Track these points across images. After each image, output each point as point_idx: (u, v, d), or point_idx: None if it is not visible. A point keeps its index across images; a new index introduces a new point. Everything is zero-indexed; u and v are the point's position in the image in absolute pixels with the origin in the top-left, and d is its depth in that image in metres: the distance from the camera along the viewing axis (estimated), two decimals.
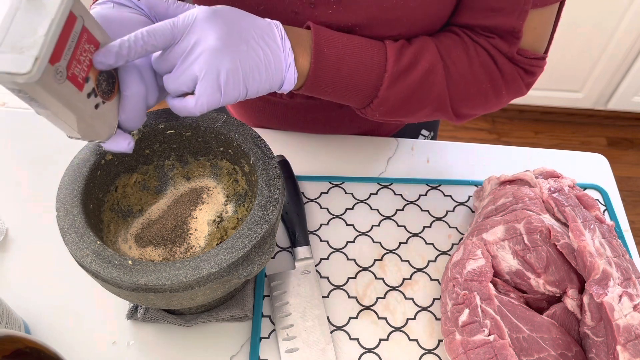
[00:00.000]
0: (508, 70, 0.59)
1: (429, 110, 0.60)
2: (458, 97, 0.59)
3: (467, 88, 0.59)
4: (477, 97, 0.60)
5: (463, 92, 0.59)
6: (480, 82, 0.59)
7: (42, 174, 0.71)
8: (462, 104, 0.60)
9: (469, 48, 0.59)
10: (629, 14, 1.60)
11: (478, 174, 0.73)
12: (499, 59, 0.59)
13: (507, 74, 0.60)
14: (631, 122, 2.00)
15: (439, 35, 0.60)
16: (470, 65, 0.58)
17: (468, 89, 0.59)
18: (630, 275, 0.54)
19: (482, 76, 0.59)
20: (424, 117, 0.61)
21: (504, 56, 0.59)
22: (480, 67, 0.59)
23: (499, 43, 0.58)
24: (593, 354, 0.52)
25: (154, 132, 0.57)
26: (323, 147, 0.76)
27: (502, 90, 0.61)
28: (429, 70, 0.56)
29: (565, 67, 1.78)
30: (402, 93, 0.56)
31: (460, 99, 0.59)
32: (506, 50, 0.58)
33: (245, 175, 0.58)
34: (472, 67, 0.58)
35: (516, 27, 0.56)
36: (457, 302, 0.55)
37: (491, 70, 0.59)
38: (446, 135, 1.95)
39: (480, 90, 0.60)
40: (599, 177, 0.74)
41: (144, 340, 0.57)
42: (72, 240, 0.48)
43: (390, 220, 0.68)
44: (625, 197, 1.76)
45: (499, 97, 0.61)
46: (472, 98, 0.60)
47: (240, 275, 0.47)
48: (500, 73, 0.60)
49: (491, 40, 0.59)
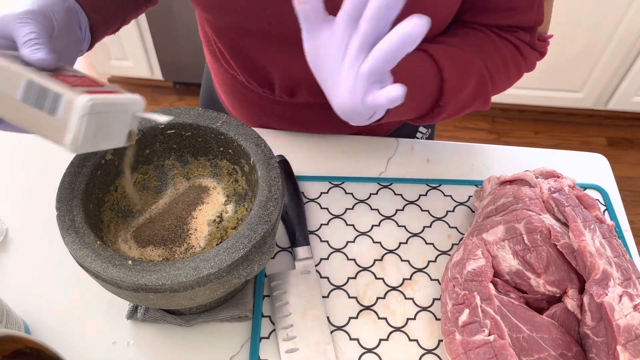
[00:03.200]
0: (530, 56, 0.65)
1: (471, 110, 0.65)
2: (494, 92, 0.64)
3: (502, 83, 0.64)
4: (506, 85, 0.66)
5: (498, 87, 0.64)
6: (513, 75, 0.65)
7: (42, 174, 0.71)
8: (493, 95, 0.65)
9: (500, 46, 0.62)
10: (629, 14, 1.60)
11: (478, 174, 0.73)
12: (523, 49, 0.64)
13: (529, 59, 0.65)
14: (631, 122, 2.00)
15: (472, 37, 0.63)
16: (504, 63, 0.63)
17: (502, 84, 0.65)
18: (630, 275, 0.54)
19: (513, 70, 0.64)
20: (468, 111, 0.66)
21: (528, 45, 0.64)
22: (512, 61, 0.63)
23: (523, 35, 0.63)
24: (593, 354, 0.52)
25: (154, 132, 0.57)
26: (323, 147, 0.76)
27: (523, 73, 0.67)
28: (478, 80, 0.60)
29: (565, 67, 1.78)
30: (457, 105, 0.60)
31: (494, 92, 0.64)
32: (529, 40, 0.63)
33: (245, 175, 0.58)
34: (505, 64, 0.63)
35: (538, 20, 0.61)
36: (457, 302, 0.55)
37: (517, 61, 0.64)
38: (446, 135, 1.95)
39: (511, 79, 0.66)
40: (599, 177, 0.74)
41: (144, 340, 0.57)
42: (72, 240, 0.48)
43: (390, 220, 0.68)
44: (625, 197, 1.76)
45: (519, 78, 0.68)
46: (502, 88, 0.66)
47: (240, 275, 0.47)
48: (525, 61, 0.65)
49: (515, 34, 0.63)
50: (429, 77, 0.57)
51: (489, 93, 0.63)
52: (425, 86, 0.57)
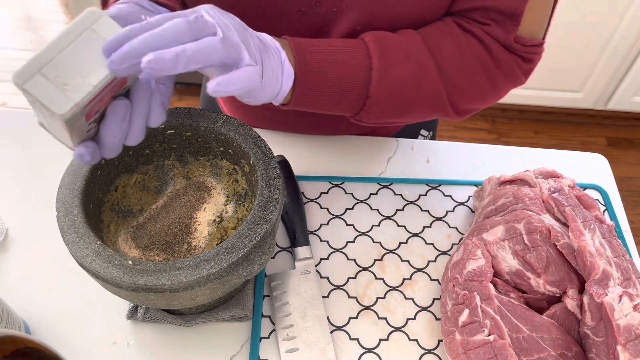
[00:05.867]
0: (504, 59, 0.57)
1: (426, 108, 0.58)
2: (453, 92, 0.58)
3: (461, 81, 0.57)
4: (472, 90, 0.59)
5: (457, 86, 0.57)
6: (474, 74, 0.57)
7: (42, 174, 0.71)
8: (458, 99, 0.59)
9: (460, 39, 0.57)
10: (629, 14, 1.60)
11: (478, 174, 0.73)
12: (494, 47, 0.57)
13: (503, 63, 0.58)
14: (631, 122, 2.00)
15: (427, 28, 0.58)
16: (462, 57, 0.56)
17: (462, 83, 0.57)
18: (630, 275, 0.54)
19: (475, 68, 0.57)
20: (422, 116, 0.60)
21: (500, 44, 0.57)
22: (473, 58, 0.57)
23: (495, 30, 0.56)
24: (593, 354, 0.52)
25: (154, 132, 0.57)
26: (323, 147, 0.76)
27: (498, 81, 0.59)
28: (418, 65, 0.55)
29: (565, 67, 1.78)
30: (393, 89, 0.55)
31: (455, 94, 0.58)
32: (503, 38, 0.56)
33: (245, 175, 0.58)
34: (464, 59, 0.57)
35: (518, 9, 0.54)
36: (457, 302, 0.55)
37: (485, 61, 0.57)
38: (446, 135, 1.95)
39: (475, 83, 0.58)
40: (599, 177, 0.74)
41: (144, 340, 0.57)
42: (72, 240, 0.48)
43: (390, 220, 0.68)
44: (625, 197, 1.76)
45: (495, 89, 0.60)
46: (467, 91, 0.58)
47: (240, 275, 0.47)
48: (495, 63, 0.58)
49: (486, 28, 0.57)
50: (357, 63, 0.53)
51: (441, 90, 0.56)
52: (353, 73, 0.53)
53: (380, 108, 0.56)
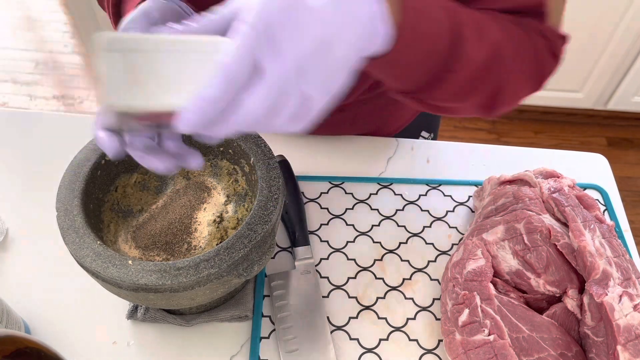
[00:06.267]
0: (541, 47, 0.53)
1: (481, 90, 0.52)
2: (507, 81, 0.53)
3: (517, 66, 0.53)
4: (521, 77, 0.55)
5: (514, 72, 0.53)
6: (528, 61, 0.53)
7: (42, 174, 0.71)
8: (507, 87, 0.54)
9: (505, 23, 0.51)
10: (629, 14, 1.60)
11: (478, 174, 0.73)
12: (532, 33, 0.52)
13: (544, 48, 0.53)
14: (631, 122, 2.00)
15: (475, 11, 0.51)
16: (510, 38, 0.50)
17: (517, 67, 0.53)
18: (630, 275, 0.54)
19: (528, 50, 0.52)
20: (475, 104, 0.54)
21: (539, 33, 0.52)
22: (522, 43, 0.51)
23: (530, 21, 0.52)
24: (593, 354, 0.52)
25: None
26: (323, 147, 0.76)
27: (546, 65, 0.55)
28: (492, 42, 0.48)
29: (565, 67, 1.77)
30: (484, 54, 0.47)
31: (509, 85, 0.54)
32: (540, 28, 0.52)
33: (245, 175, 0.58)
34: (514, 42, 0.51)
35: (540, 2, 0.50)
36: (457, 302, 0.55)
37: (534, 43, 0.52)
38: (446, 135, 1.95)
39: (525, 69, 0.54)
40: (599, 177, 0.74)
41: (144, 340, 0.57)
42: (72, 240, 0.48)
43: (390, 220, 0.68)
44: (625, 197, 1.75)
45: (540, 71, 0.56)
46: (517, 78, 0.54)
47: (240, 275, 0.47)
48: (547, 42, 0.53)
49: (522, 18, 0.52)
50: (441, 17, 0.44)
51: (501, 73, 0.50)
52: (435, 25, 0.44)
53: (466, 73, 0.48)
